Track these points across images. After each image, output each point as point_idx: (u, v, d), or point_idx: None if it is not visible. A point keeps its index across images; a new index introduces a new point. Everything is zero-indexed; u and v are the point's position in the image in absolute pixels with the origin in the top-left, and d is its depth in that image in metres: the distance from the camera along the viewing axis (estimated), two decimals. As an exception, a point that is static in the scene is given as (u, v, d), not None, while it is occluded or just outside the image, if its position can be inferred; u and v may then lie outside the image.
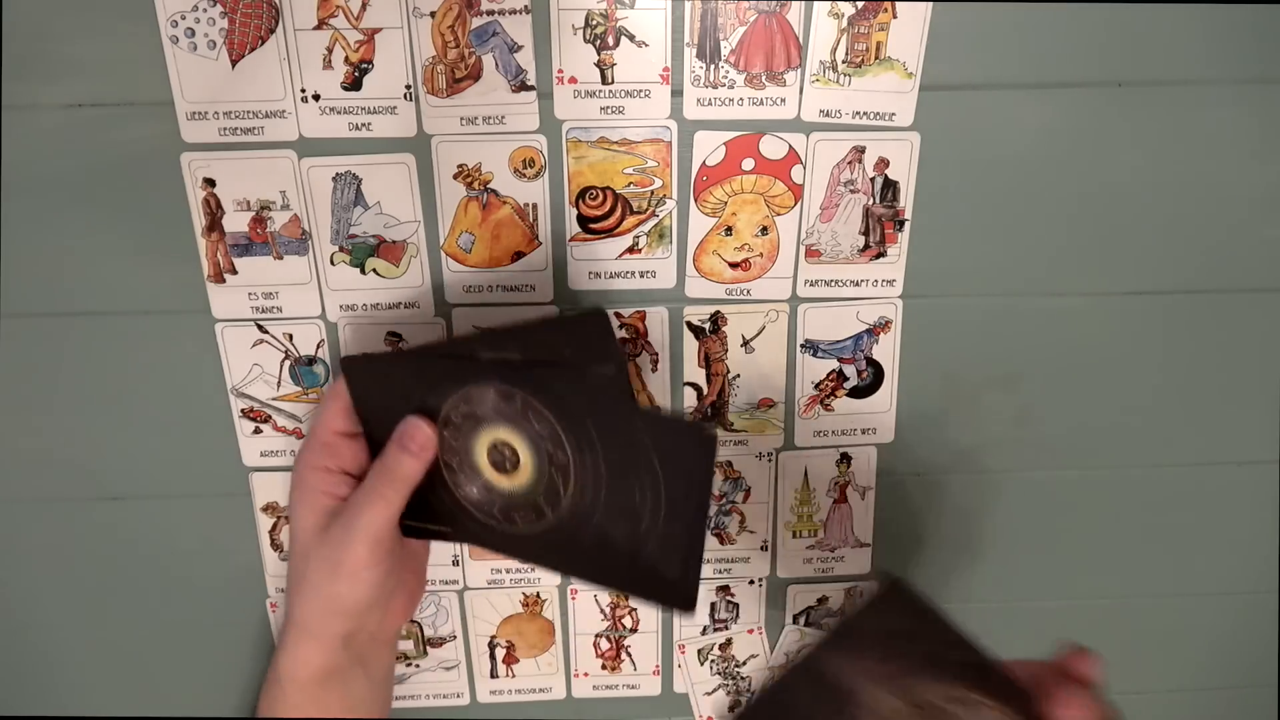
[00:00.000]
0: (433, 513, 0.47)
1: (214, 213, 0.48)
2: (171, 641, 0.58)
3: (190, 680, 0.59)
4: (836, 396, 0.54)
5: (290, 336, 0.51)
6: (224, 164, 0.47)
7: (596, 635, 0.60)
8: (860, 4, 0.46)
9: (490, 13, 0.45)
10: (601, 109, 0.47)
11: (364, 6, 0.45)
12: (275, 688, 0.45)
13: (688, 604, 0.43)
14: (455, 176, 0.48)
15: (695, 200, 0.50)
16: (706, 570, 0.58)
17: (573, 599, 0.59)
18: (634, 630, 0.60)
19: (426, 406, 0.45)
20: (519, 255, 0.50)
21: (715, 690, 0.61)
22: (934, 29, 0.46)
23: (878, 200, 0.50)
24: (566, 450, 0.42)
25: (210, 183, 0.48)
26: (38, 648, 0.58)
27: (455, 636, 0.59)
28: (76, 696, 0.59)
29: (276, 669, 0.45)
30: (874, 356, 0.54)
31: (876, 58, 0.47)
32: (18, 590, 0.56)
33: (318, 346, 0.52)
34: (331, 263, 0.50)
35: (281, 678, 0.45)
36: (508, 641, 0.59)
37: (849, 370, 0.54)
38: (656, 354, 0.53)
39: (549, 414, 0.42)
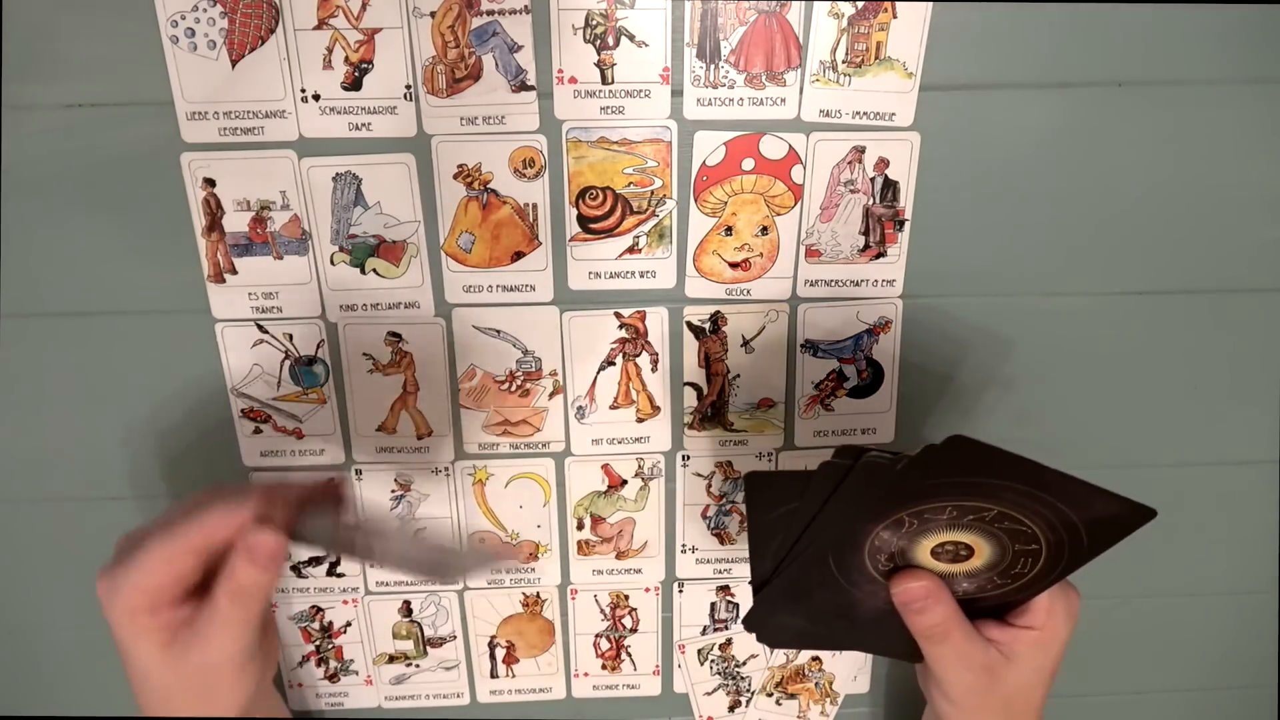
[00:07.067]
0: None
1: (214, 213, 0.48)
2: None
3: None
4: (836, 396, 0.54)
5: (290, 336, 0.51)
6: (224, 164, 0.47)
7: (596, 635, 0.60)
8: (860, 4, 0.46)
9: (490, 13, 0.45)
10: (601, 109, 0.47)
11: (364, 6, 0.45)
12: None
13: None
14: (455, 176, 0.48)
15: (695, 200, 0.50)
16: (706, 570, 0.58)
17: (572, 599, 0.59)
18: (634, 630, 0.60)
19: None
20: (519, 255, 0.50)
21: (715, 690, 0.61)
22: (934, 29, 0.46)
23: (878, 200, 0.50)
24: (1039, 537, 0.44)
25: (210, 183, 0.48)
26: (37, 648, 0.58)
27: (455, 636, 0.59)
28: (76, 696, 0.59)
29: None
30: (874, 356, 0.54)
31: (876, 58, 0.47)
32: (18, 590, 0.56)
33: (318, 346, 0.52)
34: (331, 263, 0.50)
35: None
36: (508, 641, 0.59)
37: (849, 370, 0.54)
38: (656, 354, 0.53)
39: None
